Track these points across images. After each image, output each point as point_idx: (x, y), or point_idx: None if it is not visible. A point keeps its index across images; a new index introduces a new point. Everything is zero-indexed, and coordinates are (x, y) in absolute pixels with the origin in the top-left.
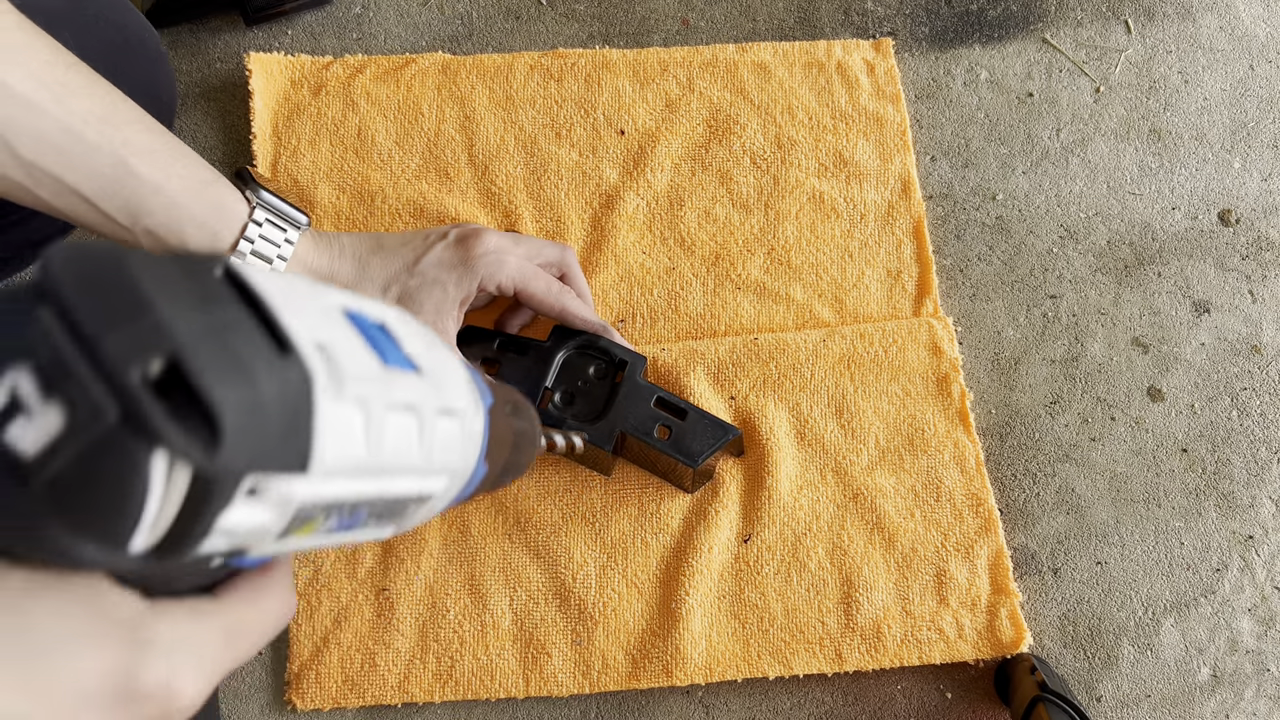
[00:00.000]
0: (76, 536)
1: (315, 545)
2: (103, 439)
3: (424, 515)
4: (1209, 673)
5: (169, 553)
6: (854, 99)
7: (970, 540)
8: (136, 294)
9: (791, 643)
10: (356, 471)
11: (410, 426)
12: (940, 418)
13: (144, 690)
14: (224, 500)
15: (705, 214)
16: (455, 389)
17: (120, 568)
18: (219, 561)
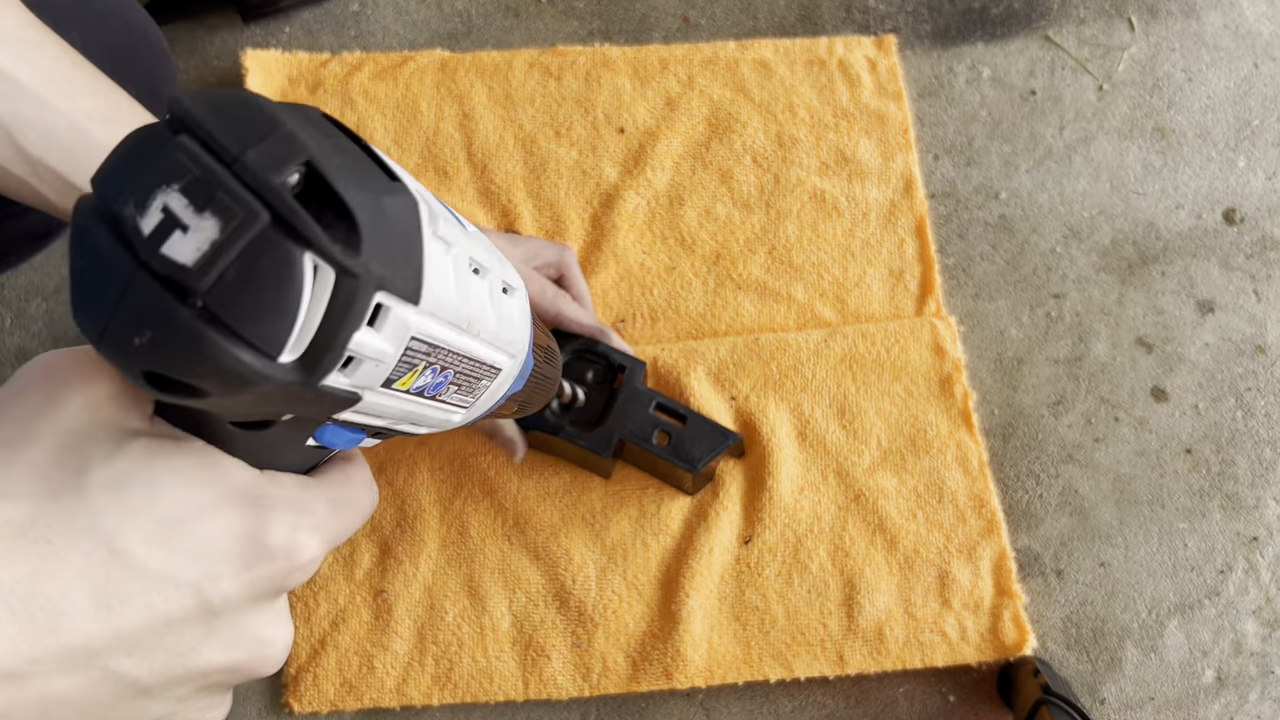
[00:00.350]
0: (236, 343)
1: (405, 413)
2: (258, 240)
3: (487, 400)
4: (1213, 675)
5: (312, 366)
6: (856, 96)
7: (973, 542)
8: (266, 114)
9: (793, 645)
10: (452, 316)
11: (483, 289)
12: (943, 418)
13: (270, 548)
14: (363, 305)
15: (706, 213)
16: (509, 267)
17: (268, 385)
18: (313, 443)
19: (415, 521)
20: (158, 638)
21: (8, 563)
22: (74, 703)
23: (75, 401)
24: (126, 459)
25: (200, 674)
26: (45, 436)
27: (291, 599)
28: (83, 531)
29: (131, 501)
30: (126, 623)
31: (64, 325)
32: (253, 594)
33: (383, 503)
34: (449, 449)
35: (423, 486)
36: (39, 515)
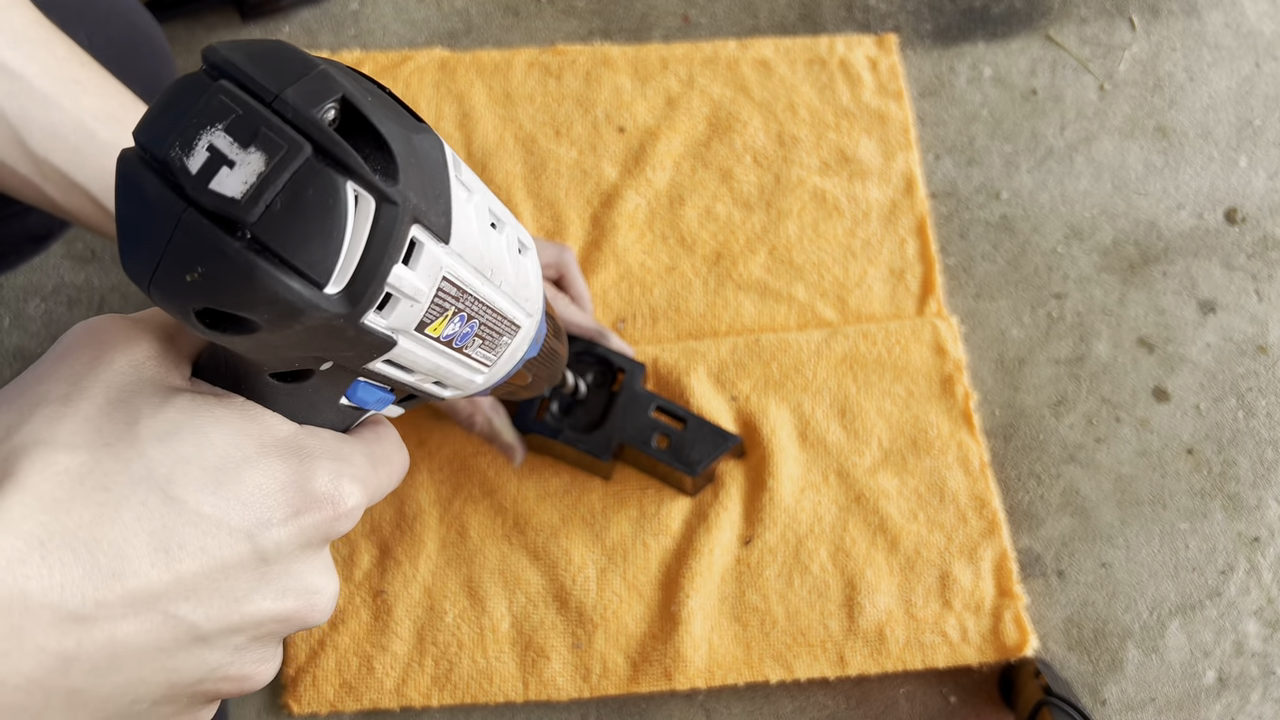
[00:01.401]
0: (285, 271)
1: (434, 367)
2: (303, 170)
3: (507, 360)
4: (1215, 676)
5: (355, 298)
6: (856, 96)
7: (974, 542)
8: (300, 57)
9: (794, 646)
10: (477, 261)
11: (501, 242)
12: (944, 419)
13: (316, 496)
14: (401, 236)
15: (706, 212)
16: (521, 227)
17: (315, 316)
18: (346, 402)
19: (415, 522)
20: (214, 583)
21: (68, 510)
22: (138, 647)
23: (120, 360)
24: (174, 411)
25: (254, 622)
26: (95, 392)
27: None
28: (138, 479)
29: (182, 451)
30: (184, 568)
31: (62, 326)
32: (301, 541)
33: (382, 503)
34: (448, 450)
35: (422, 487)
36: (95, 464)
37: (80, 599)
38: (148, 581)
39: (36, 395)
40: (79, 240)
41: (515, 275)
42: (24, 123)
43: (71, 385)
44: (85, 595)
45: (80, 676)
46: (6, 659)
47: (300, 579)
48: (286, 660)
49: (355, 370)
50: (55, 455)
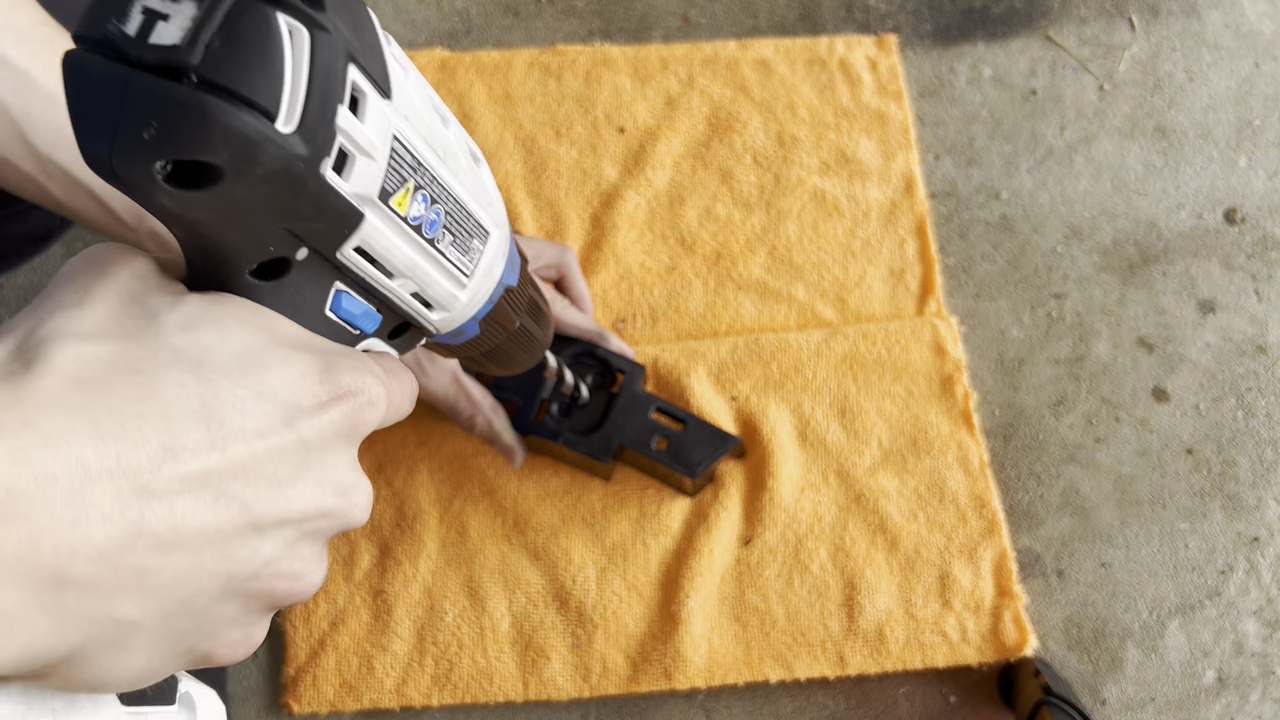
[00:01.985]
0: (236, 104)
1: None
2: (235, 8)
3: (484, 276)
4: (1214, 676)
5: (309, 139)
6: (856, 96)
7: (974, 542)
8: None
9: (794, 646)
10: (426, 132)
11: (450, 135)
12: (944, 418)
13: (342, 386)
14: (340, 69)
15: (706, 212)
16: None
17: (274, 155)
18: (333, 316)
19: (415, 522)
20: (260, 465)
21: (107, 389)
22: (198, 526)
23: (124, 273)
24: (189, 306)
25: (301, 513)
26: (107, 295)
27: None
28: (168, 363)
29: (205, 339)
30: (231, 448)
31: None
32: (332, 430)
33: (382, 503)
34: (448, 450)
35: (422, 487)
36: (123, 352)
37: (138, 470)
38: (200, 460)
39: (49, 304)
40: (80, 240)
41: (471, 173)
42: (28, 120)
43: (82, 293)
44: (142, 467)
45: (146, 553)
46: (75, 527)
47: (335, 472)
48: (286, 660)
49: (331, 260)
50: (82, 345)
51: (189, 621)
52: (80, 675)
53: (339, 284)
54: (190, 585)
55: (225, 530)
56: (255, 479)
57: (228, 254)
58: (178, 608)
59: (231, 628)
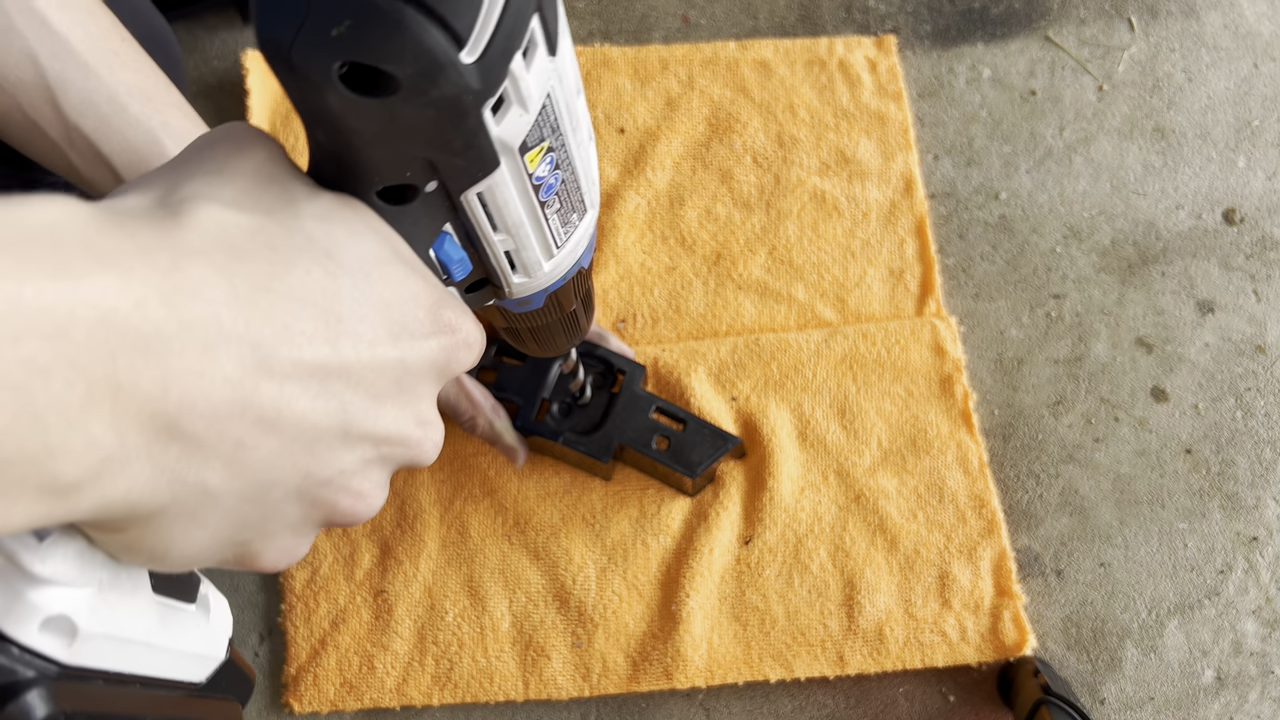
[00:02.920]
0: (431, 21)
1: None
2: None
3: (570, 251)
4: (1213, 675)
5: (486, 74)
6: (856, 97)
7: (973, 542)
8: None
9: (793, 645)
10: (570, 100)
11: (581, 108)
12: (943, 418)
13: (446, 321)
14: (527, 15)
15: (706, 213)
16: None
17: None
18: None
19: (415, 521)
20: (363, 373)
21: (245, 258)
22: (297, 416)
23: (260, 153)
24: (327, 200)
25: (383, 434)
26: (245, 171)
27: (292, 599)
28: (301, 249)
29: (338, 236)
30: (342, 348)
31: None
32: (430, 360)
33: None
34: (449, 450)
35: (423, 487)
36: (261, 226)
37: (261, 343)
38: (313, 351)
39: (188, 168)
40: None
41: (588, 148)
42: (61, 86)
43: (221, 163)
44: (265, 341)
45: (249, 427)
46: (200, 381)
47: (421, 404)
48: (287, 659)
49: (453, 200)
50: (223, 210)
51: (257, 510)
52: (146, 540)
53: (448, 226)
54: (272, 473)
55: (320, 426)
56: (356, 386)
57: (364, 170)
58: (254, 493)
59: (286, 532)
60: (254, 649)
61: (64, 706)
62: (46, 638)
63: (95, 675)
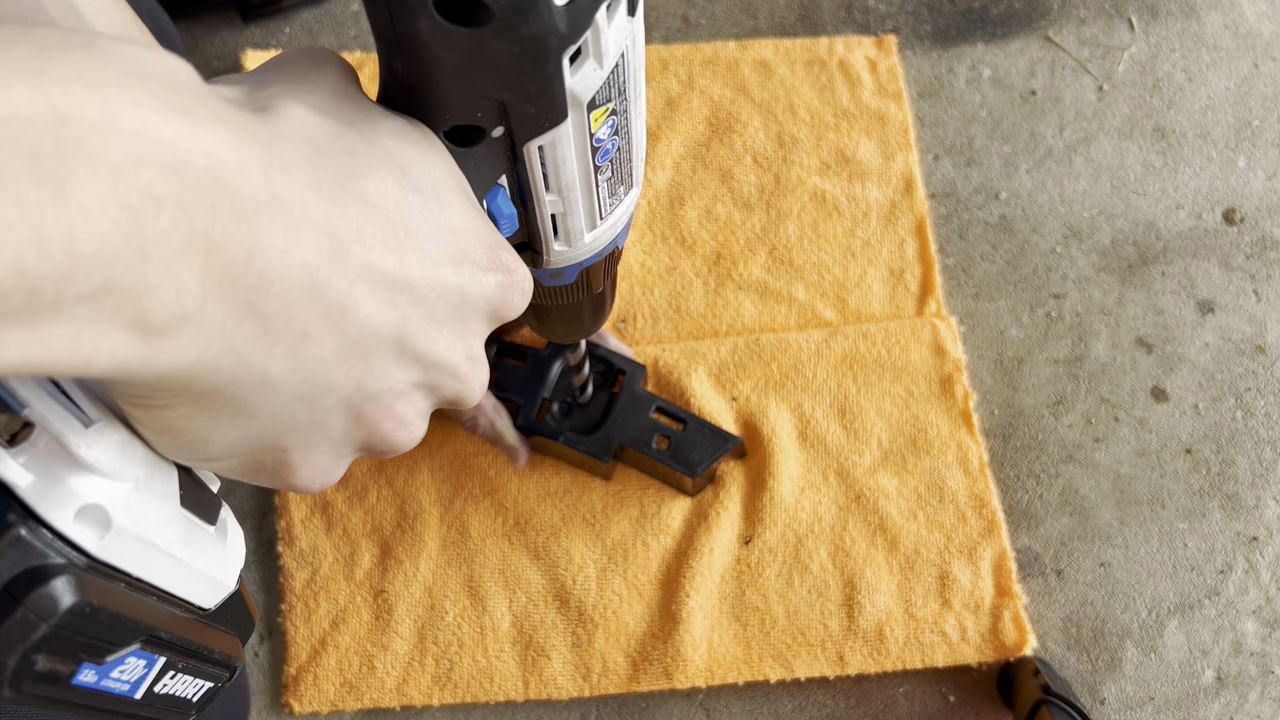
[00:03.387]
0: None
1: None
2: None
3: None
4: (1213, 675)
5: (574, 18)
6: (856, 96)
7: (973, 542)
8: None
9: (793, 645)
10: (638, 64)
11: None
12: (943, 419)
13: (504, 262)
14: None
15: (706, 212)
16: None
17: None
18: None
19: (415, 522)
20: (424, 290)
21: (327, 156)
22: (361, 318)
23: (336, 70)
24: (403, 120)
25: (435, 360)
26: (324, 84)
27: (292, 599)
28: (379, 159)
29: (411, 155)
30: (408, 261)
31: None
32: (486, 296)
33: (383, 503)
34: (449, 449)
35: (423, 487)
36: (340, 132)
37: (337, 235)
38: (380, 257)
39: (269, 76)
40: None
41: (643, 125)
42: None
43: (302, 75)
44: (341, 234)
45: (316, 319)
46: (281, 258)
47: (473, 340)
48: (287, 659)
49: (514, 150)
50: (306, 111)
51: (306, 414)
52: (193, 423)
53: (503, 180)
54: (329, 375)
55: (379, 334)
56: (417, 303)
57: (437, 104)
58: (308, 393)
59: (326, 447)
60: (254, 649)
61: (88, 599)
62: (80, 527)
63: (119, 576)
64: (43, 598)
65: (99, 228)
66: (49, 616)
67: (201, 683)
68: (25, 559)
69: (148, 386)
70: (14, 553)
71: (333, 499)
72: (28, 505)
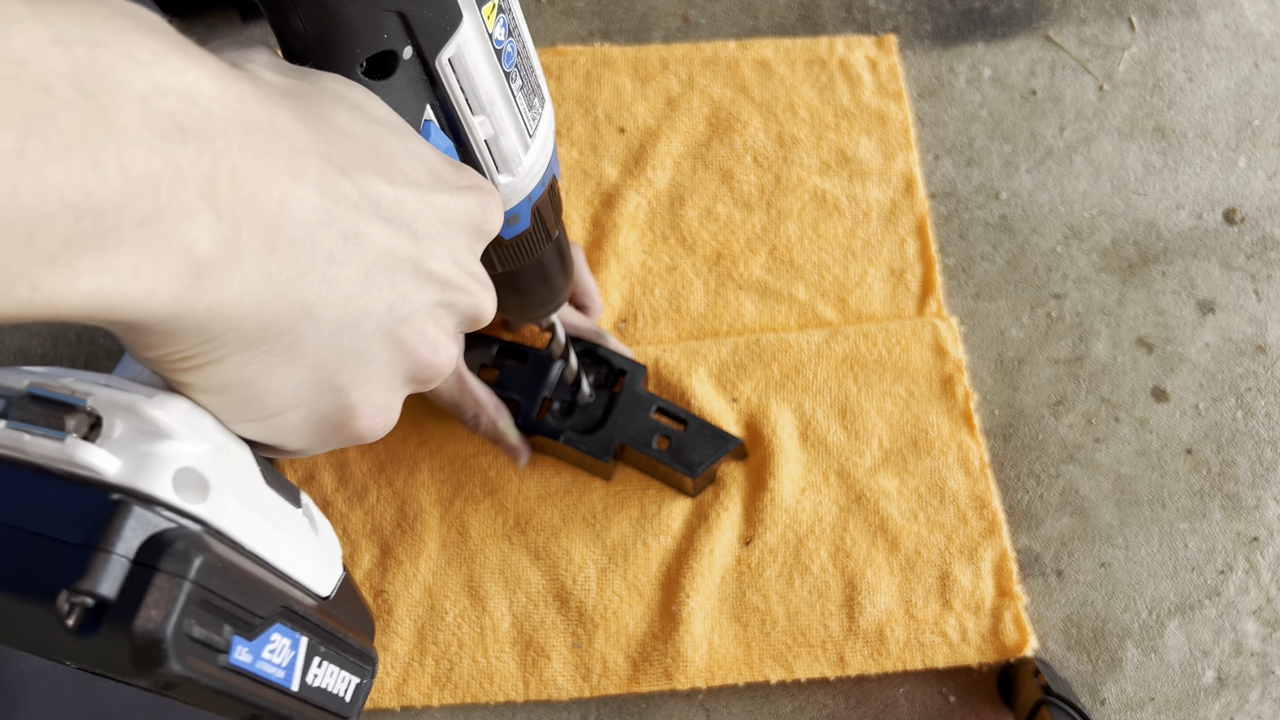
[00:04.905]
0: None
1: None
2: None
3: (540, 146)
4: (1214, 675)
5: None
6: (856, 96)
7: (974, 543)
8: None
9: (794, 646)
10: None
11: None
12: (944, 419)
13: (472, 180)
14: None
15: (707, 212)
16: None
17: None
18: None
19: (415, 522)
20: (418, 209)
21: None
22: (374, 241)
23: (265, 48)
24: (331, 74)
25: (446, 277)
26: (261, 56)
27: None
28: (337, 100)
29: (358, 98)
30: (397, 183)
31: (62, 326)
32: (467, 213)
33: (383, 503)
34: (450, 449)
35: (423, 487)
36: (297, 86)
37: (334, 162)
38: (374, 183)
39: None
40: None
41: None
42: None
43: (242, 50)
44: (336, 162)
45: (337, 241)
46: (294, 182)
47: (470, 259)
48: None
49: (429, 69)
50: (263, 70)
51: (352, 343)
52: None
53: (429, 112)
54: (362, 299)
55: (394, 253)
56: (414, 222)
57: (346, 40)
58: (347, 319)
59: (379, 381)
60: None
61: (217, 556)
62: (182, 493)
63: (233, 544)
64: (174, 557)
65: (140, 152)
66: (186, 572)
67: (349, 676)
68: (144, 529)
69: (202, 334)
70: (132, 526)
71: (333, 499)
72: (126, 487)
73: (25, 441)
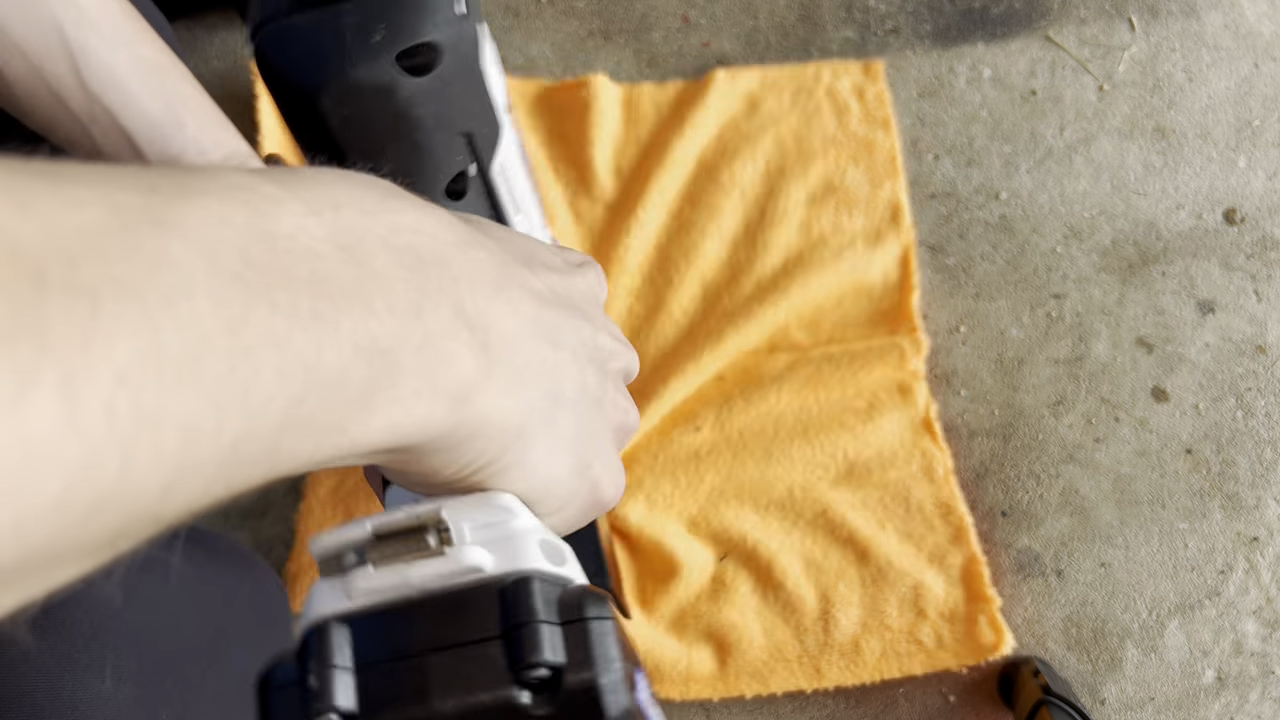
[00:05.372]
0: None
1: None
2: None
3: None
4: (1214, 675)
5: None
6: (843, 124)
7: (943, 549)
8: None
9: (770, 661)
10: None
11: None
12: (905, 428)
13: (579, 259)
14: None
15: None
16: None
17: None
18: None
19: None
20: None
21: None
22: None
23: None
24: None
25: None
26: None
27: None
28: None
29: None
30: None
31: None
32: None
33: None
34: None
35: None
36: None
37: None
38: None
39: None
40: None
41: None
42: (85, 57)
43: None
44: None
45: (550, 329)
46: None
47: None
48: None
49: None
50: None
51: (585, 420)
52: (525, 454)
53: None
54: (579, 377)
55: (581, 332)
56: (578, 307)
57: (431, 167)
58: (578, 396)
59: (609, 450)
60: None
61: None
62: (551, 560)
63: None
64: (594, 604)
65: (398, 288)
66: (608, 614)
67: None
68: (550, 596)
69: (475, 441)
70: (542, 595)
71: (352, 506)
72: (507, 573)
73: (407, 572)
